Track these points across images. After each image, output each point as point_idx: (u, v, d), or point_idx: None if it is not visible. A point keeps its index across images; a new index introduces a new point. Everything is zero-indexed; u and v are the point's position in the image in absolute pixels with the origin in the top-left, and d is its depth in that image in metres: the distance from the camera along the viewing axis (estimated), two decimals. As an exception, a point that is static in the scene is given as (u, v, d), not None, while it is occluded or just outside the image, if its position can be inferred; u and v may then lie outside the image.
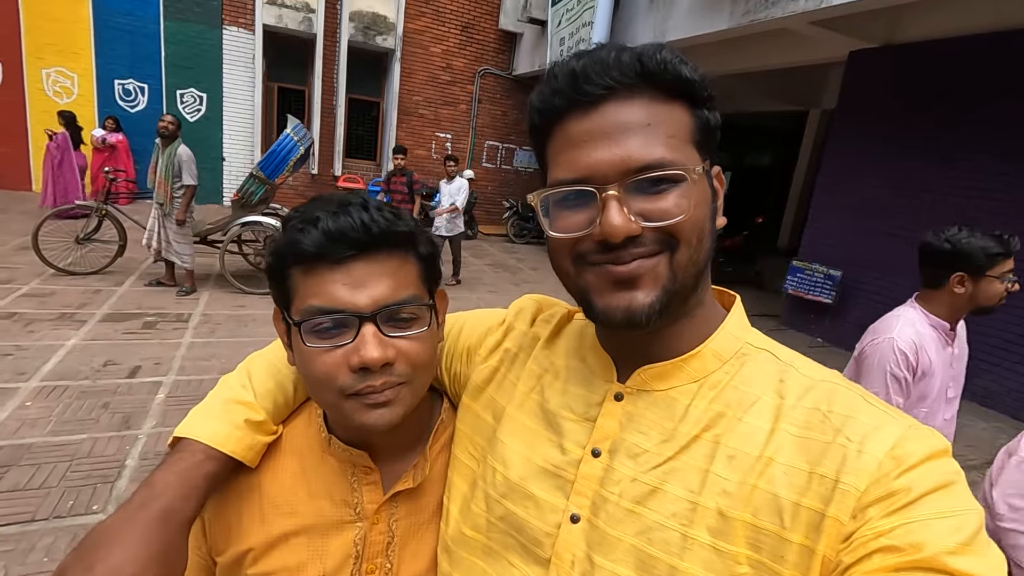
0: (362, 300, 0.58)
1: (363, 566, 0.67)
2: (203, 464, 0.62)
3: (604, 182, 0.49)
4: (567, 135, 0.52)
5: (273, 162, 5.74)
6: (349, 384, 0.58)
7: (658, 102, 0.51)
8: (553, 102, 0.52)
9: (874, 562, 0.41)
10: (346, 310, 0.58)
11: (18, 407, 3.13)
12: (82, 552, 0.52)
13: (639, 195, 0.50)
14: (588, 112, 0.51)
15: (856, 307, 6.09)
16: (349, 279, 0.58)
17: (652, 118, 0.50)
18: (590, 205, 0.51)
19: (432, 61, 11.40)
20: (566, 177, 0.52)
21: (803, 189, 11.51)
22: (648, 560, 0.50)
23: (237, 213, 5.84)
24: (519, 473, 0.61)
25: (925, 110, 5.46)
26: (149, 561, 0.52)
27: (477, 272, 8.12)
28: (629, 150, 0.49)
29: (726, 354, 0.57)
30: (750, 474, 0.49)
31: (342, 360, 0.58)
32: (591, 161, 0.50)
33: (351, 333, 0.58)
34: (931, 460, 0.44)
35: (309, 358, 0.59)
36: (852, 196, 6.16)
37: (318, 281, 0.59)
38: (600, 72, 0.49)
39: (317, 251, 0.58)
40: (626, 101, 0.50)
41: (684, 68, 0.51)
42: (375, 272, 0.59)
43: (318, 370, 0.59)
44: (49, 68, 9.35)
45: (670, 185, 0.50)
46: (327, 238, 0.57)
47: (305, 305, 0.59)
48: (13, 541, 2.18)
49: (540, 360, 0.68)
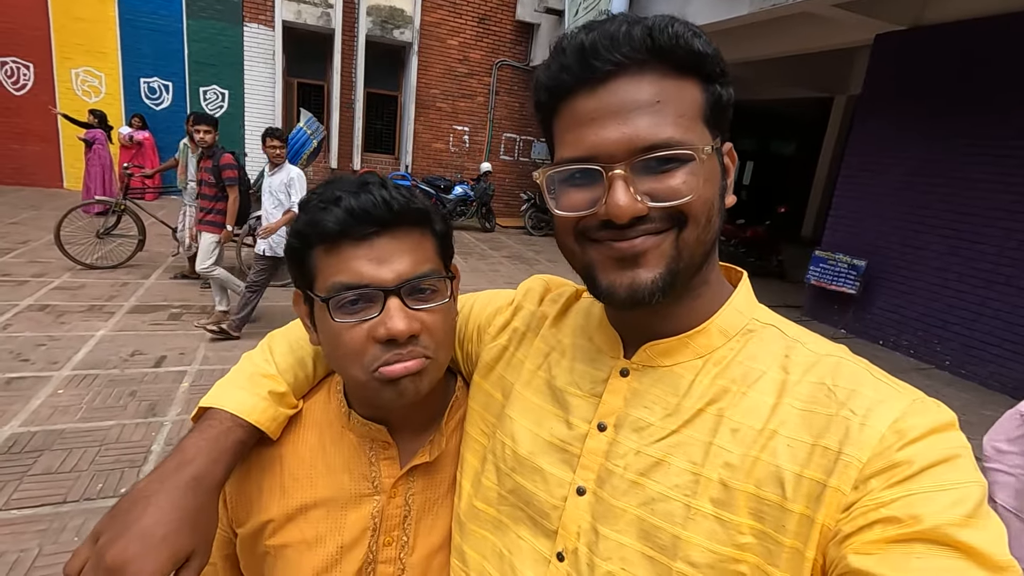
0: (386, 274, 0.60)
1: (380, 539, 0.68)
2: (231, 431, 0.64)
3: (611, 161, 0.49)
4: (574, 112, 0.51)
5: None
6: (375, 356, 0.60)
7: (669, 78, 0.49)
8: (561, 78, 0.51)
9: (874, 532, 0.41)
10: (371, 284, 0.59)
11: (51, 395, 3.25)
12: (116, 514, 0.54)
13: (646, 175, 0.49)
14: (596, 89, 0.49)
15: (881, 298, 5.95)
16: (373, 255, 0.60)
17: (662, 95, 0.48)
18: (596, 184, 0.50)
19: (449, 54, 11.40)
20: (572, 155, 0.51)
21: (828, 177, 11.25)
22: (652, 530, 0.51)
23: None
24: (527, 448, 0.62)
25: (955, 94, 5.28)
26: (180, 523, 0.54)
27: (495, 264, 8.14)
28: (637, 129, 0.48)
29: (732, 330, 0.56)
30: (753, 446, 0.49)
31: (368, 333, 0.60)
32: (598, 139, 0.49)
33: (376, 307, 0.60)
34: (935, 433, 0.44)
35: (336, 333, 0.60)
36: (877, 184, 6.00)
37: (342, 258, 0.60)
38: (609, 47, 0.48)
39: (341, 229, 0.59)
40: (635, 77, 0.49)
41: (697, 41, 0.49)
42: (397, 247, 0.61)
43: (345, 345, 0.60)
44: (78, 68, 9.60)
45: (678, 164, 0.49)
46: (350, 216, 0.59)
47: (330, 282, 0.60)
48: (47, 521, 2.28)
49: (547, 338, 0.69)
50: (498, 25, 11.60)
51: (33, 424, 2.93)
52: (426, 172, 11.57)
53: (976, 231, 5.14)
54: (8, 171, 9.55)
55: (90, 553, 0.51)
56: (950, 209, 5.33)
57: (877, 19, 5.49)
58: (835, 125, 11.20)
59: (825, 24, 6.06)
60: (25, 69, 9.35)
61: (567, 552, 0.56)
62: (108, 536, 0.52)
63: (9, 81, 9.32)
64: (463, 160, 12.09)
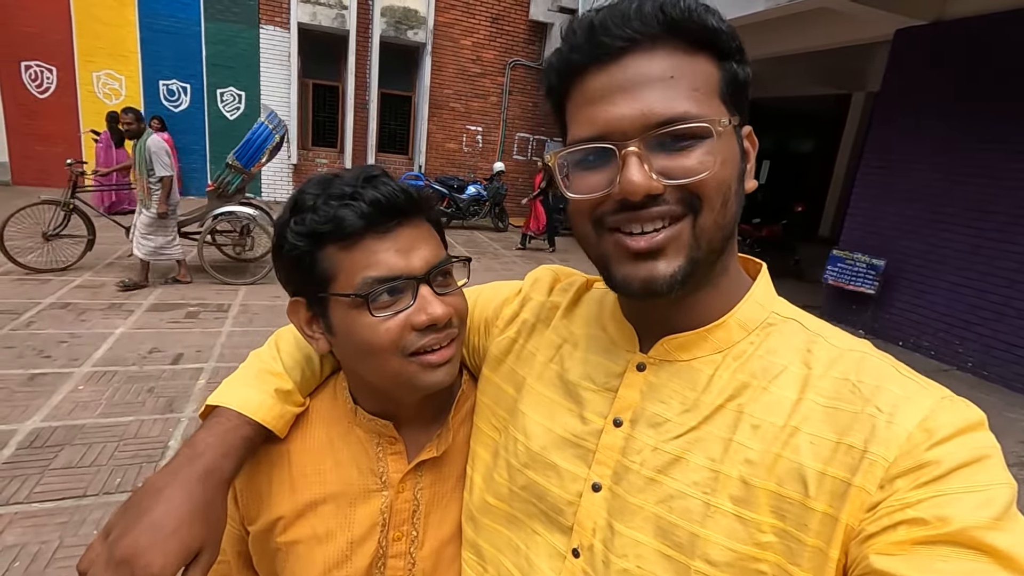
0: (416, 262, 0.61)
1: (390, 533, 0.68)
2: (240, 428, 0.64)
3: (624, 138, 0.47)
4: (585, 91, 0.50)
5: (249, 151, 5.68)
6: (411, 343, 0.60)
7: (682, 53, 0.48)
8: (571, 58, 0.51)
9: (899, 533, 0.40)
10: (403, 275, 0.60)
11: (72, 391, 3.32)
12: (128, 508, 0.54)
13: (661, 152, 0.47)
14: (607, 66, 0.48)
15: (900, 298, 5.84)
16: (398, 245, 0.60)
17: (675, 70, 0.47)
18: (610, 163, 0.49)
19: (462, 54, 11.42)
20: (584, 135, 0.50)
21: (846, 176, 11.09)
22: (669, 528, 0.50)
23: (213, 203, 5.74)
24: (540, 443, 0.61)
25: (978, 90, 5.16)
26: (190, 516, 0.54)
27: (508, 263, 8.15)
28: (650, 104, 0.46)
29: (752, 324, 0.55)
30: (774, 443, 0.48)
31: (405, 323, 0.60)
32: (610, 117, 0.48)
33: (408, 296, 0.60)
34: (964, 433, 0.42)
35: (371, 328, 0.60)
36: (897, 182, 5.89)
37: (366, 253, 0.59)
38: (620, 23, 0.47)
39: (366, 223, 0.59)
40: (648, 53, 0.47)
41: (710, 17, 0.48)
42: (417, 236, 0.62)
43: (383, 338, 0.60)
44: (99, 71, 9.79)
45: (694, 141, 0.47)
46: (376, 209, 0.59)
47: (359, 279, 0.59)
48: (67, 514, 2.32)
49: (559, 330, 0.68)
50: (511, 25, 11.60)
51: (55, 419, 2.99)
52: (439, 172, 11.61)
53: (999, 229, 5.02)
54: (33, 172, 9.76)
55: (102, 548, 0.51)
56: (972, 207, 5.22)
57: (897, 14, 5.39)
58: (853, 122, 11.04)
59: (843, 20, 5.96)
60: (48, 72, 9.55)
61: (583, 548, 0.56)
62: (119, 530, 0.52)
63: (33, 84, 9.52)
64: (476, 160, 12.11)
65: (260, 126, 5.78)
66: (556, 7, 10.34)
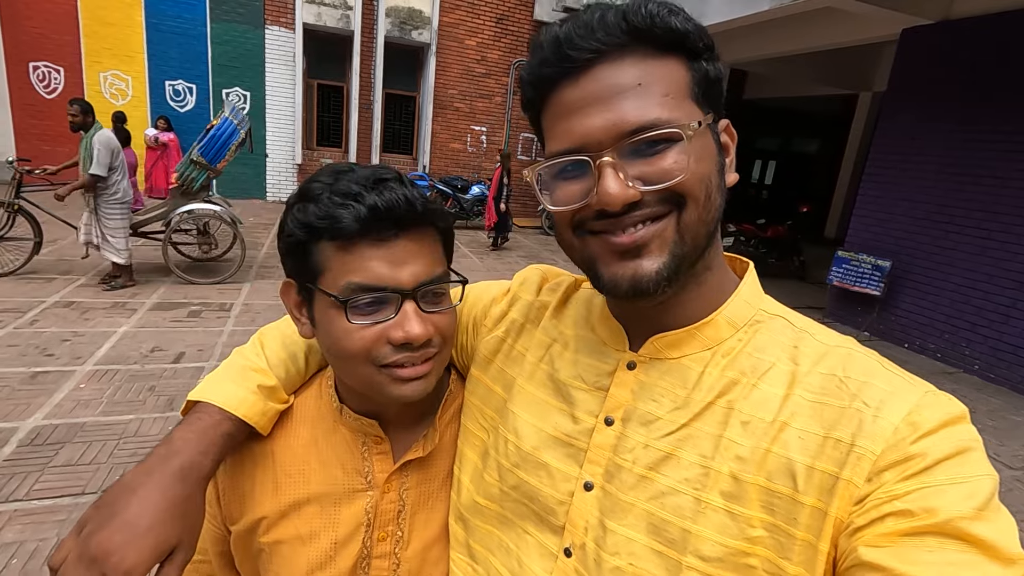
0: (404, 277, 0.58)
1: (375, 534, 0.68)
2: (220, 424, 0.63)
3: (598, 148, 0.48)
4: (559, 105, 0.51)
5: (214, 147, 5.44)
6: (385, 355, 0.59)
7: (650, 59, 0.48)
8: (542, 72, 0.51)
9: (887, 525, 0.41)
10: (388, 287, 0.58)
11: (73, 389, 3.33)
12: (101, 505, 0.53)
13: (636, 158, 0.48)
14: (577, 79, 0.49)
15: (906, 299, 5.80)
16: (391, 256, 0.58)
17: (644, 77, 0.48)
18: (587, 174, 0.49)
19: (467, 54, 11.43)
20: (560, 148, 0.50)
21: (852, 177, 11.02)
22: (661, 524, 0.50)
23: (177, 201, 5.48)
24: (531, 443, 0.61)
25: (985, 89, 5.12)
26: (165, 513, 0.54)
27: (511, 263, 8.14)
28: (622, 113, 0.47)
29: (740, 321, 0.55)
30: (764, 439, 0.48)
31: (381, 335, 0.59)
32: (583, 129, 0.48)
33: (391, 309, 0.59)
34: (948, 426, 0.43)
35: (346, 333, 0.59)
36: (903, 182, 5.85)
37: (357, 258, 0.58)
38: (584, 35, 0.48)
39: (361, 228, 0.57)
40: (616, 62, 0.48)
41: (674, 20, 0.48)
42: (414, 250, 0.60)
43: (355, 345, 0.59)
44: (106, 71, 9.86)
45: (668, 144, 0.47)
46: (373, 215, 0.56)
47: (344, 281, 0.58)
48: (66, 512, 2.33)
49: (548, 330, 0.68)
50: (516, 25, 11.60)
51: (56, 417, 3.01)
52: (443, 172, 11.63)
53: (1007, 230, 4.98)
54: (40, 172, 9.84)
55: (74, 544, 0.51)
56: (979, 208, 5.17)
57: (904, 13, 5.35)
58: (860, 123, 10.97)
59: (850, 19, 5.93)
60: (56, 73, 9.63)
61: (574, 548, 0.56)
62: (92, 526, 0.51)
63: (41, 85, 9.60)
64: (480, 160, 12.12)
65: (225, 121, 5.51)
66: (560, 7, 10.34)
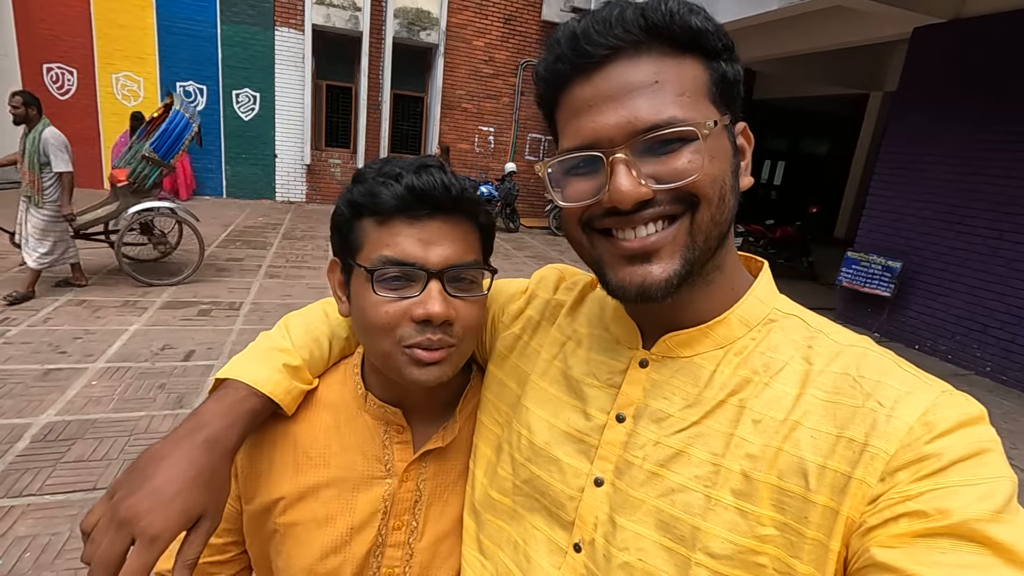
0: (433, 257, 0.61)
1: (390, 522, 0.69)
2: (246, 400, 0.64)
3: (611, 145, 0.48)
4: (572, 101, 0.51)
5: (167, 141, 5.20)
6: (408, 335, 0.61)
7: (667, 58, 0.48)
8: (557, 68, 0.51)
9: (900, 526, 0.40)
10: (416, 264, 0.61)
11: (85, 386, 3.38)
12: (132, 472, 0.55)
13: (649, 157, 0.48)
14: (592, 75, 0.49)
15: (916, 301, 5.74)
16: (423, 235, 0.61)
17: (660, 76, 0.47)
18: (599, 171, 0.49)
19: (475, 55, 11.45)
20: (573, 144, 0.50)
21: (862, 177, 10.93)
22: (670, 521, 0.50)
23: (128, 200, 5.19)
24: (543, 438, 0.62)
25: (998, 89, 5.06)
26: (193, 482, 0.55)
27: (519, 264, 8.14)
28: (636, 111, 0.47)
29: (753, 320, 0.55)
30: (775, 437, 0.48)
31: (405, 311, 0.61)
32: (597, 126, 0.48)
33: (417, 287, 0.61)
34: (964, 427, 0.42)
35: (373, 305, 0.61)
36: (914, 182, 5.80)
37: (391, 233, 0.61)
38: (602, 31, 0.47)
39: (397, 205, 0.60)
40: (632, 60, 0.48)
41: (694, 18, 0.48)
42: (446, 232, 0.63)
43: (380, 318, 0.61)
44: (118, 73, 9.96)
45: (682, 144, 0.47)
46: (410, 193, 0.60)
47: (377, 255, 0.61)
48: (78, 507, 2.36)
49: (563, 328, 0.69)
50: (524, 25, 11.60)
51: (68, 413, 3.05)
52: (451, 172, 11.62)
53: (1019, 230, 4.92)
54: (53, 172, 9.96)
55: (106, 508, 0.52)
56: (991, 208, 5.11)
57: (915, 11, 5.30)
58: (870, 123, 10.87)
59: (860, 18, 5.88)
60: (69, 75, 9.74)
61: (584, 543, 0.56)
62: (123, 491, 0.53)
63: (54, 86, 9.71)
64: (488, 160, 12.13)
65: (176, 115, 5.24)
66: (568, 7, 10.33)
